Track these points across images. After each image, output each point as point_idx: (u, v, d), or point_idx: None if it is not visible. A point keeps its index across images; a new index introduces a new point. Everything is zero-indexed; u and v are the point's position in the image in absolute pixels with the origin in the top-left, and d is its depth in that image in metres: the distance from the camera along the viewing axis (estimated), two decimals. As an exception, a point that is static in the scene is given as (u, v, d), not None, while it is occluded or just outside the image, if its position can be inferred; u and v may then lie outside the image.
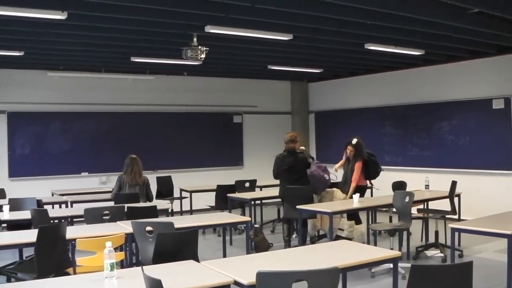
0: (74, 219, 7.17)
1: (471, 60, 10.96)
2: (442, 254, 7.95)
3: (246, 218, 7.04)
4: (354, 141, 8.93)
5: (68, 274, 5.14)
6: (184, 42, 8.52)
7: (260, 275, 3.45)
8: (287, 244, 8.69)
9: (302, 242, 8.19)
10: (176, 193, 11.41)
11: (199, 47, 8.40)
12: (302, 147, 9.17)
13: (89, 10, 6.96)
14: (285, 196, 8.59)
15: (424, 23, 7.93)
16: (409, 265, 3.82)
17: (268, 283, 3.46)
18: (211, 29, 7.71)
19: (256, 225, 9.28)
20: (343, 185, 9.00)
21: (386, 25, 8.10)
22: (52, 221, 6.60)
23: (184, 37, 8.42)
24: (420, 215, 8.73)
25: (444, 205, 8.56)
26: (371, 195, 10.20)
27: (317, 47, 9.83)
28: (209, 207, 10.31)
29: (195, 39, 8.39)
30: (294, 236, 9.07)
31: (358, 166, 8.75)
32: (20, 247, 6.20)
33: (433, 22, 7.87)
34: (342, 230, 8.87)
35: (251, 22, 7.75)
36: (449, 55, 10.93)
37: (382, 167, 9.10)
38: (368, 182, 9.22)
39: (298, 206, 7.74)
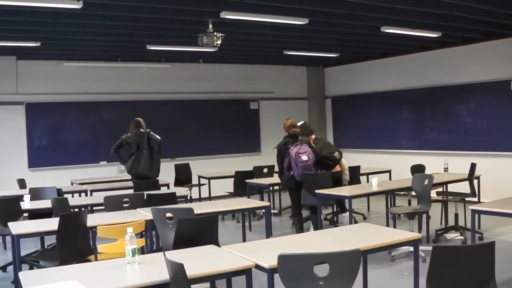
0: (94, 207, 7.21)
1: (488, 42, 10.84)
2: (462, 237, 7.91)
3: (266, 203, 7.04)
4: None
5: (89, 261, 5.17)
6: (199, 29, 8.50)
7: (282, 258, 3.45)
8: None
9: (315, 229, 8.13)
10: (195, 180, 11.45)
11: (215, 33, 8.37)
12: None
13: (104, -1, 6.99)
14: (304, 183, 8.50)
15: (440, 4, 7.85)
16: (429, 248, 3.80)
17: (290, 266, 3.45)
18: (226, 15, 7.69)
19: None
20: None
21: (402, 7, 8.03)
22: (72, 210, 6.65)
23: (200, 24, 8.41)
24: (440, 198, 8.67)
25: (464, 187, 8.52)
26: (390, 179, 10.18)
27: (333, 31, 9.77)
28: (227, 194, 10.34)
29: (210, 26, 8.36)
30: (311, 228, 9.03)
31: None
32: (41, 235, 6.27)
33: (449, 3, 7.78)
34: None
35: (266, 7, 7.71)
36: (466, 37, 10.82)
37: (399, 151, 8.93)
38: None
39: (317, 191, 7.71)
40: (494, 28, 9.90)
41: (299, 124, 8.83)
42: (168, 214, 5.34)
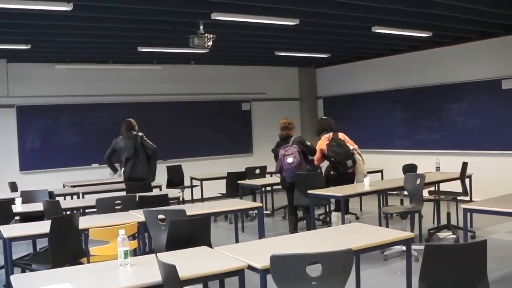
0: (86, 210, 7.18)
1: (479, 41, 10.88)
2: (454, 236, 7.93)
3: (258, 204, 7.03)
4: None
5: (82, 264, 5.16)
6: (190, 30, 8.50)
7: (274, 259, 3.44)
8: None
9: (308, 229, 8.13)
10: (187, 182, 11.43)
11: (206, 34, 8.37)
12: (298, 136, 8.95)
13: (94, 1, 6.96)
14: (296, 183, 8.51)
15: (431, 4, 7.87)
16: (421, 247, 3.80)
17: (282, 267, 3.45)
18: (217, 16, 7.69)
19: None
20: None
21: (393, 7, 8.04)
22: (64, 212, 6.62)
23: (191, 25, 8.40)
24: (432, 197, 8.69)
25: (456, 186, 8.54)
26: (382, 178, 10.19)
27: (324, 31, 9.78)
28: (220, 195, 10.32)
29: (201, 27, 8.36)
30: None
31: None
32: (33, 238, 6.21)
33: (440, 3, 7.80)
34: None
35: (257, 8, 7.72)
36: (457, 36, 10.85)
37: (391, 150, 8.92)
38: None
39: (309, 191, 7.71)
40: (486, 28, 9.94)
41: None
42: (161, 216, 5.33)
